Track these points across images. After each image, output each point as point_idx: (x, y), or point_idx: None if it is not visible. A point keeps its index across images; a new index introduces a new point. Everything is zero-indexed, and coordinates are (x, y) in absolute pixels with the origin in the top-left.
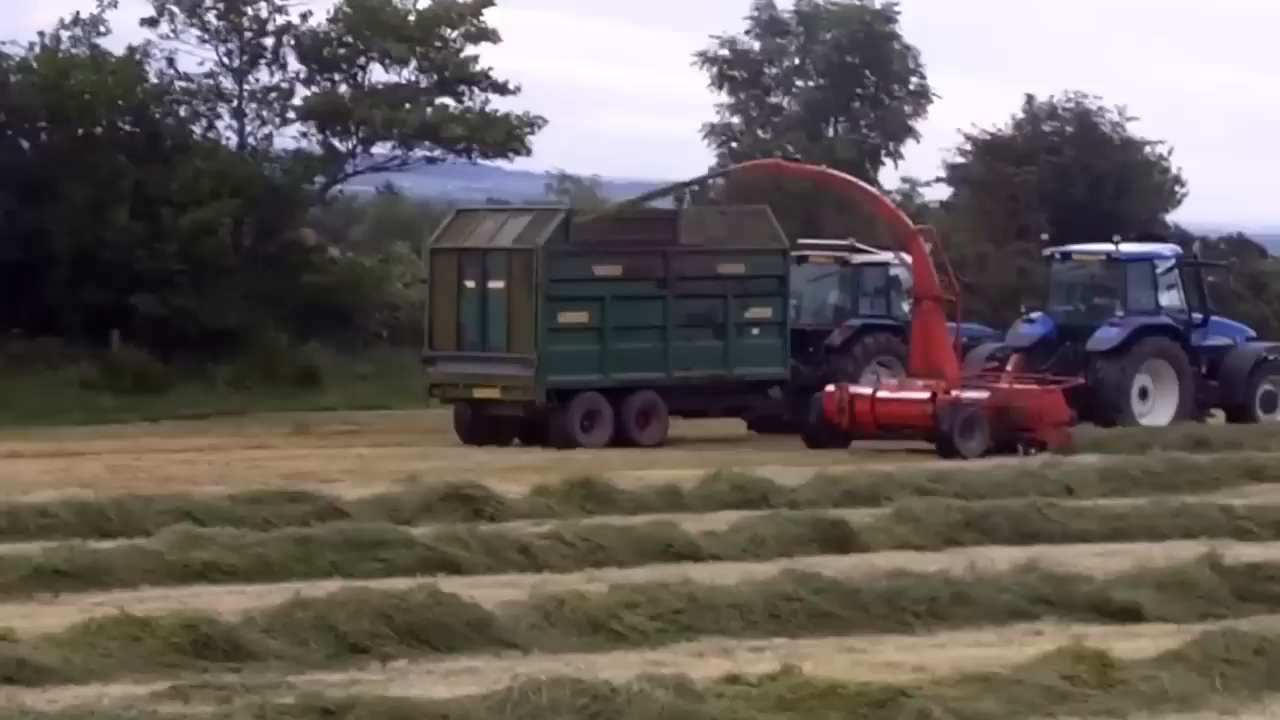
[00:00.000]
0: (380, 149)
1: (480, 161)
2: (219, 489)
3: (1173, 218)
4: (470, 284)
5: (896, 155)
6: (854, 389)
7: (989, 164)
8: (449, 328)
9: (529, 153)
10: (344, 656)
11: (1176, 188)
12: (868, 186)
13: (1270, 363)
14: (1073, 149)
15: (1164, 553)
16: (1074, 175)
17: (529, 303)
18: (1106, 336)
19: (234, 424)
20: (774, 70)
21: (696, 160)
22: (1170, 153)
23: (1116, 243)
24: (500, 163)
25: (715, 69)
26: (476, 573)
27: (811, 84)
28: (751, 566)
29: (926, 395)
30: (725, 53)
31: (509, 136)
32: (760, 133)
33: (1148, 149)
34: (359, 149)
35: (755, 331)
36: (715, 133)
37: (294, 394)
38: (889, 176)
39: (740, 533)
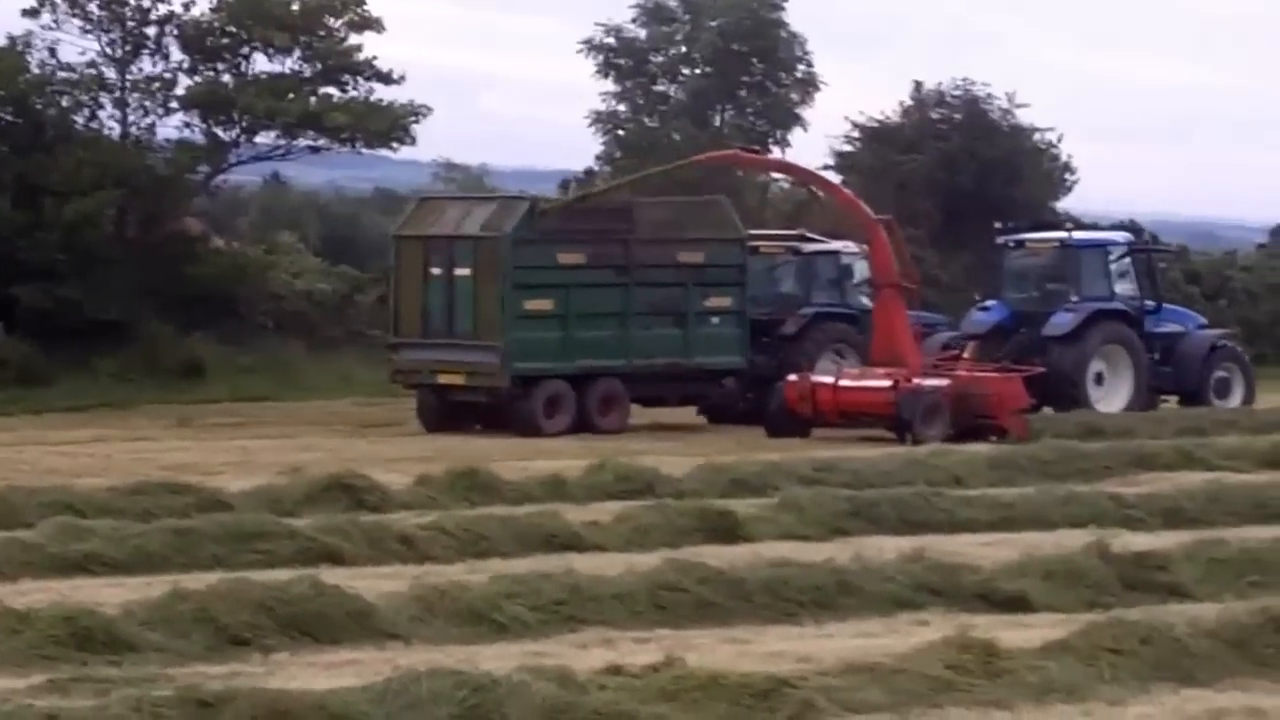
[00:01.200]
0: (264, 139)
1: (365, 150)
2: (100, 481)
3: (1063, 205)
4: (436, 271)
5: (784, 143)
6: (816, 377)
7: (877, 152)
8: (414, 314)
9: (414, 142)
10: (224, 648)
11: (1066, 175)
12: (826, 177)
13: (1223, 349)
14: (961, 136)
15: (1052, 542)
16: (962, 163)
17: (495, 290)
18: (1061, 322)
19: (118, 416)
20: (660, 58)
21: (583, 149)
22: (1060, 140)
23: (1070, 230)
24: (385, 152)
25: (601, 57)
26: (358, 564)
27: (698, 72)
28: (635, 557)
29: (889, 384)
30: (611, 41)
31: (394, 126)
32: (647, 120)
33: (1037, 136)
34: (242, 139)
35: (715, 320)
36: (601, 120)
37: (178, 385)
38: None
39: (624, 523)
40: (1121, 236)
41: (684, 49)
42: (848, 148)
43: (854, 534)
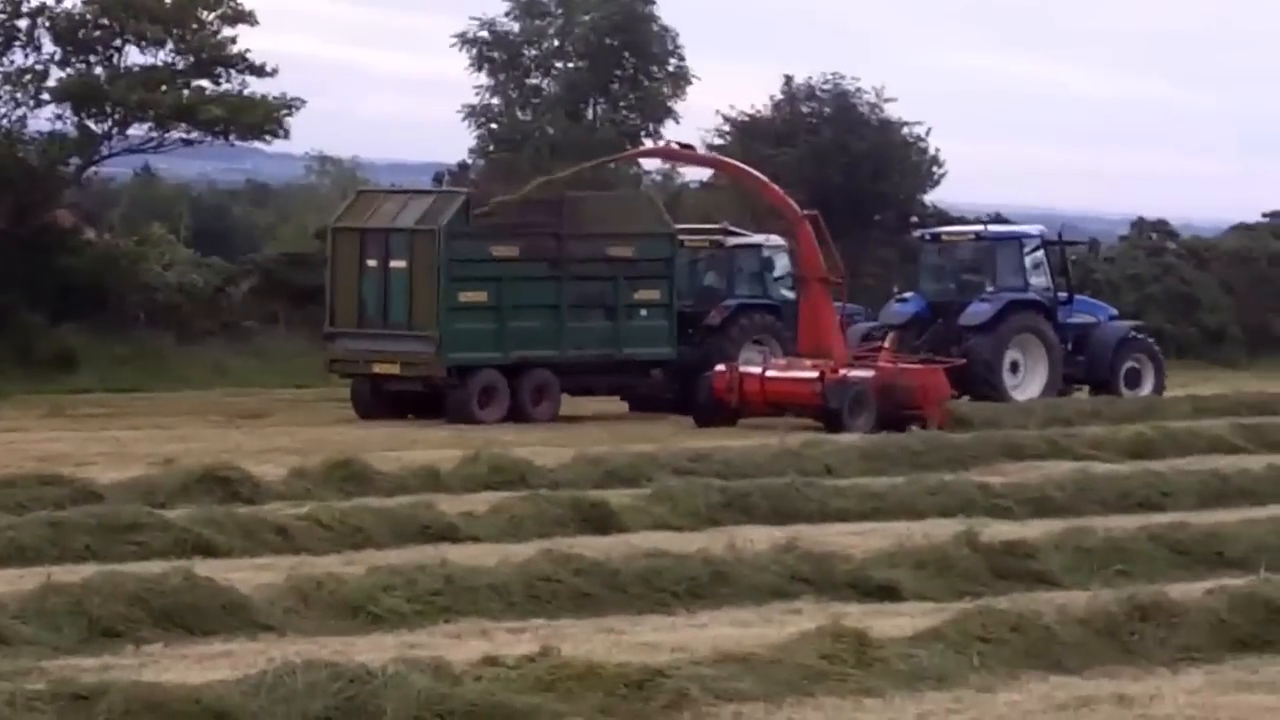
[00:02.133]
0: (137, 131)
1: (238, 143)
2: None
3: (931, 198)
4: (372, 263)
5: (656, 136)
6: (743, 368)
7: (748, 145)
8: (350, 305)
9: (287, 135)
10: (97, 641)
11: (935, 168)
12: (757, 174)
13: (1134, 341)
14: (831, 130)
15: (922, 531)
16: (832, 156)
17: (431, 282)
18: (978, 312)
19: None
20: (533, 52)
21: (456, 142)
22: (928, 133)
23: (986, 223)
24: (259, 144)
25: (475, 51)
26: (233, 555)
27: (571, 65)
28: (510, 548)
29: (815, 374)
30: (485, 34)
31: (267, 118)
32: (520, 114)
33: (905, 130)
34: (115, 131)
35: (643, 313)
36: (475, 114)
37: (50, 376)
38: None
39: (499, 514)
40: (1035, 229)
41: (557, 43)
42: (719, 141)
43: (727, 524)
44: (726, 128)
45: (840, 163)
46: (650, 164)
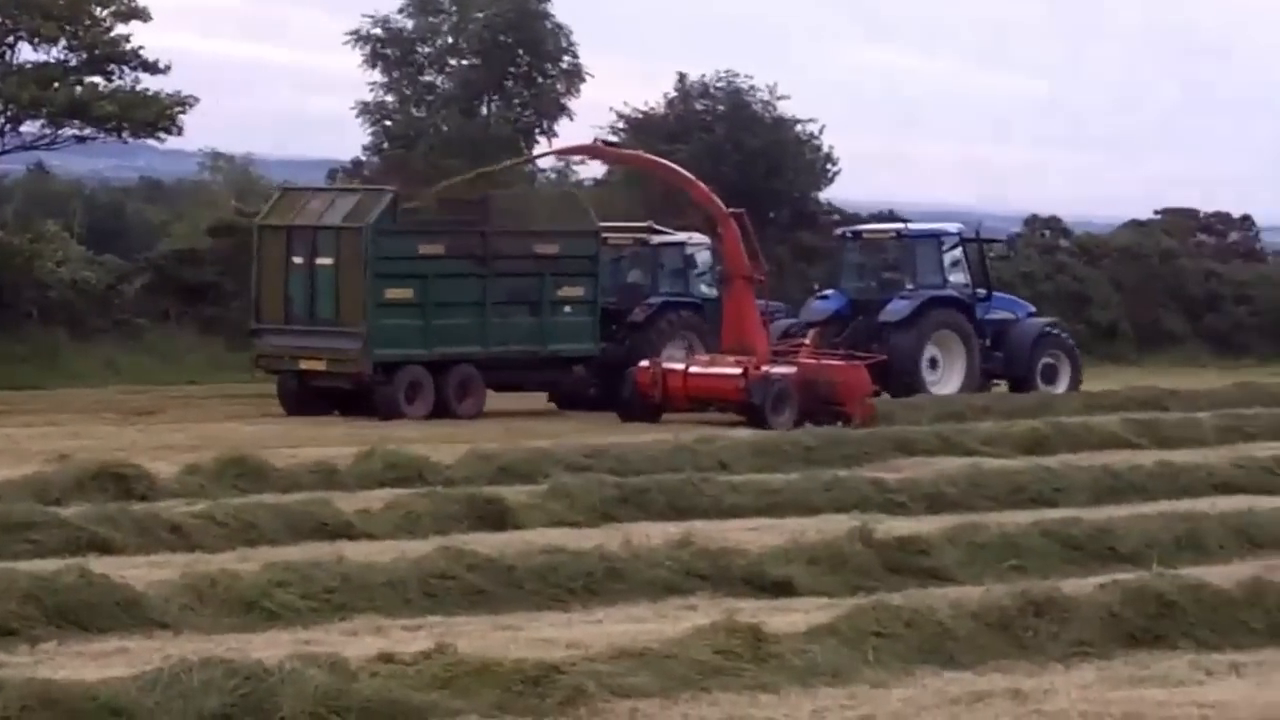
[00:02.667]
0: (29, 127)
1: (131, 140)
2: None
3: (825, 195)
4: (298, 260)
5: (550, 133)
6: (667, 364)
7: (642, 142)
8: (276, 302)
9: (180, 131)
10: None
11: (828, 165)
12: (683, 171)
13: (1051, 337)
14: (724, 127)
15: (816, 527)
16: (726, 153)
17: (357, 278)
18: (897, 309)
19: None
20: (427, 49)
21: (351, 139)
22: (821, 131)
23: (907, 222)
24: (152, 141)
25: (369, 47)
26: (127, 553)
27: (465, 63)
28: (406, 544)
29: (738, 370)
30: (379, 31)
31: (160, 115)
32: (414, 111)
33: (799, 127)
34: (7, 128)
35: (568, 309)
36: (369, 111)
37: None
38: None
39: (394, 510)
40: (954, 227)
41: (451, 40)
42: (613, 138)
43: (622, 520)
44: (621, 125)
45: (734, 160)
46: (545, 162)
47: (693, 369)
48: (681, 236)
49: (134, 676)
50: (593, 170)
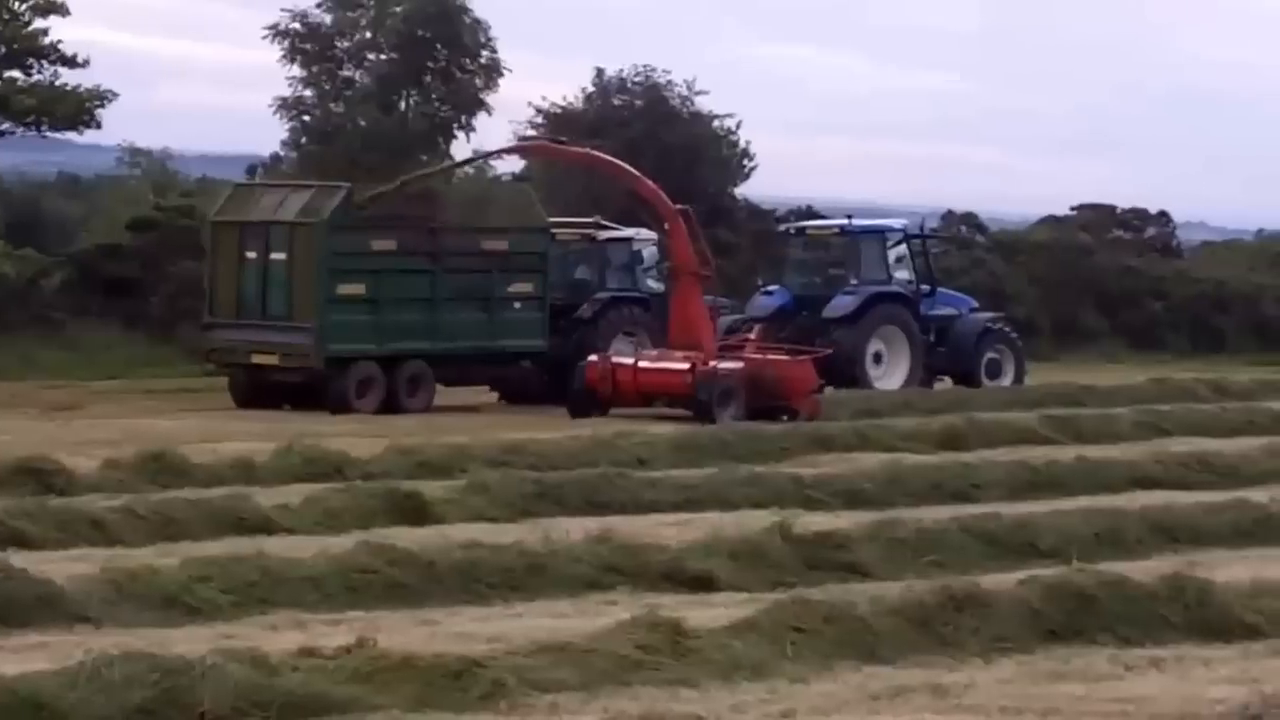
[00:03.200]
0: None
1: (50, 134)
2: None
3: (742, 191)
4: (252, 255)
5: (469, 128)
6: (616, 359)
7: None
8: (229, 297)
9: (99, 126)
10: None
11: (745, 161)
12: (630, 168)
13: (994, 332)
14: (642, 123)
15: (735, 522)
16: (643, 148)
17: (311, 274)
18: (841, 304)
19: None
20: (346, 44)
21: (269, 134)
22: (739, 126)
23: (851, 218)
24: (71, 136)
25: (287, 42)
26: (47, 547)
27: (383, 57)
28: (326, 539)
29: (686, 366)
30: (297, 26)
31: (79, 110)
32: (333, 106)
33: (716, 123)
34: None
35: (517, 305)
36: (287, 106)
37: None
38: (461, 149)
39: (314, 505)
40: (898, 223)
41: (369, 35)
42: (532, 133)
43: (541, 515)
44: (539, 119)
45: (651, 155)
46: (461, 157)
47: (641, 364)
48: (629, 232)
49: (55, 671)
50: (510, 165)
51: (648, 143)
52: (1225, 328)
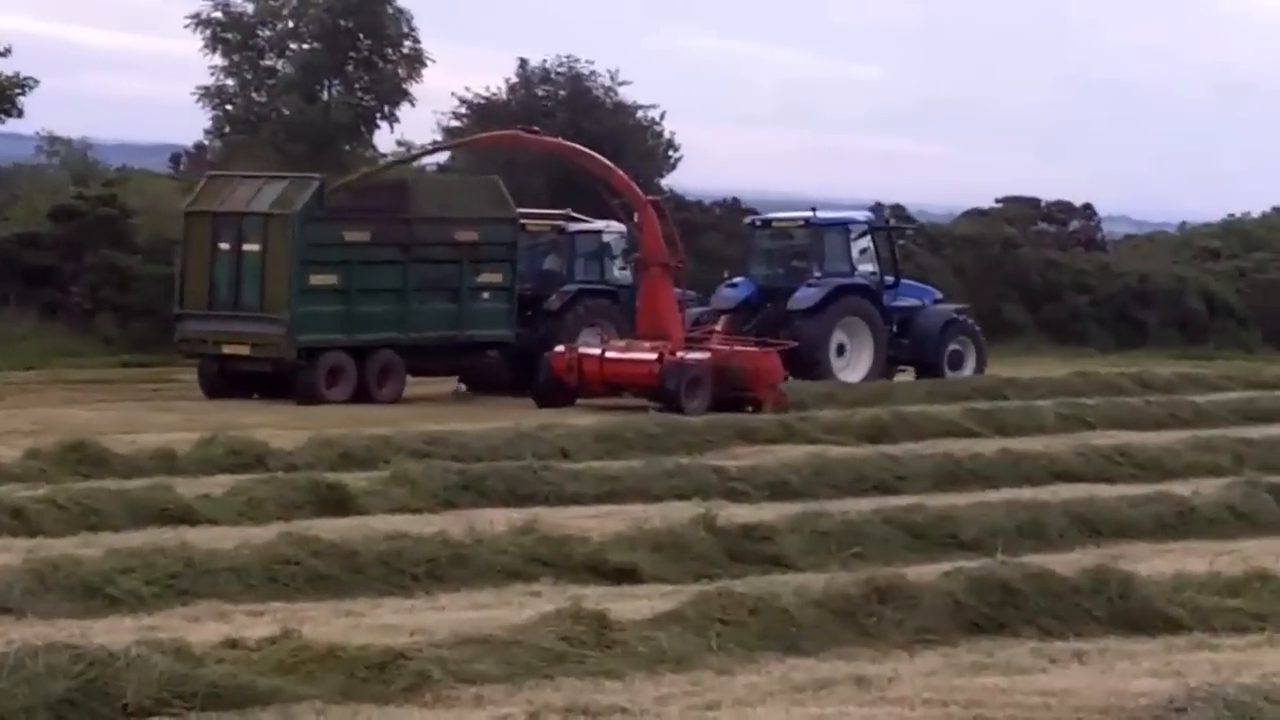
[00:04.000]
0: None
1: None
2: None
3: (667, 182)
4: (224, 245)
5: (392, 118)
6: (583, 349)
7: (483, 127)
8: (201, 287)
9: (20, 114)
10: None
11: (670, 152)
12: (602, 159)
13: (957, 323)
14: (566, 113)
15: (659, 514)
16: (567, 139)
17: (283, 265)
18: (805, 296)
19: None
20: (268, 32)
21: (191, 123)
22: (663, 117)
23: (815, 210)
24: None
25: (209, 32)
26: None
27: (306, 47)
28: (248, 530)
29: (653, 356)
30: (219, 15)
31: (0, 97)
32: (255, 95)
33: (640, 113)
34: None
35: (486, 296)
36: (209, 95)
37: None
38: (385, 139)
39: (237, 496)
40: (862, 215)
41: (292, 24)
42: (455, 124)
43: (465, 507)
44: (462, 110)
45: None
46: (386, 147)
47: (609, 354)
48: (598, 224)
49: None
50: (436, 156)
51: (571, 134)
52: (1149, 321)
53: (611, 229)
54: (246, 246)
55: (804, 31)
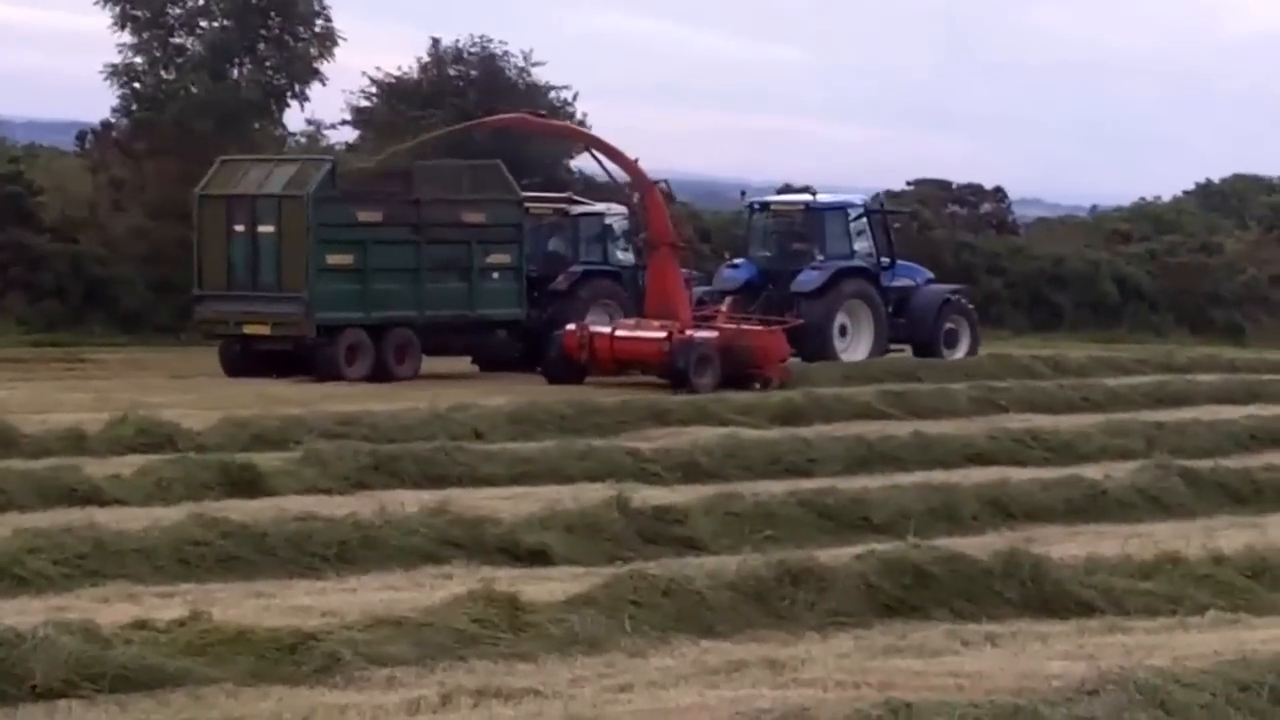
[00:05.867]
0: None
1: None
2: None
3: (578, 164)
4: (240, 228)
5: (302, 98)
6: (594, 327)
7: (395, 108)
8: (218, 269)
9: None
10: None
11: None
12: (608, 142)
13: (952, 303)
14: (478, 93)
15: (571, 495)
16: (479, 118)
17: (299, 245)
18: (809, 279)
19: None
20: (178, 10)
21: (99, 101)
22: (575, 98)
23: (814, 193)
24: None
25: (118, 8)
26: None
27: (216, 24)
28: (158, 511)
29: (663, 334)
30: None
31: None
32: (164, 73)
33: (553, 94)
34: None
35: (495, 276)
36: (118, 73)
37: None
38: (295, 118)
39: (146, 476)
40: (859, 198)
41: (201, 2)
42: (365, 103)
43: (376, 488)
44: (373, 89)
45: None
46: (296, 127)
47: (619, 333)
48: (600, 206)
49: None
50: (343, 135)
51: (483, 113)
52: (1063, 304)
53: (613, 211)
54: (261, 228)
55: (720, 11)
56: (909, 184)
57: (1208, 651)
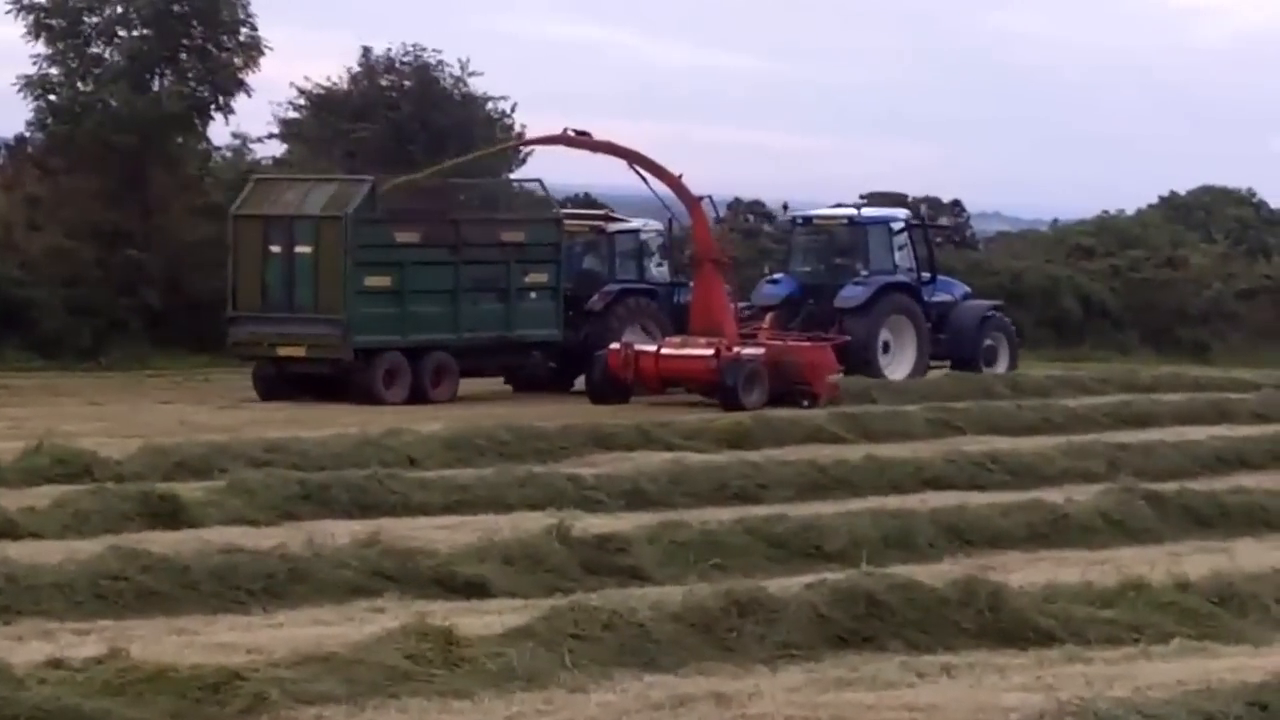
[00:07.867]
0: None
1: None
2: None
3: (516, 176)
4: (275, 249)
5: (227, 109)
6: (639, 346)
7: (325, 120)
8: (253, 290)
9: None
10: None
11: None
12: (652, 158)
13: (992, 319)
14: (412, 104)
15: (510, 525)
16: (413, 131)
17: (337, 266)
18: (853, 295)
19: None
20: (95, 19)
21: (13, 115)
22: (513, 109)
23: (859, 207)
24: None
25: (32, 18)
26: None
27: (135, 34)
28: (74, 544)
29: (710, 352)
30: (43, 0)
31: None
32: (81, 84)
33: (490, 105)
34: None
35: (533, 295)
36: (32, 85)
37: None
38: (219, 131)
39: (62, 508)
40: (902, 213)
41: (120, 10)
42: (294, 115)
43: (305, 518)
44: (301, 101)
45: (422, 139)
46: (221, 140)
47: (665, 350)
48: (636, 224)
49: None
50: (270, 149)
51: (418, 126)
52: (1023, 321)
53: (649, 228)
54: (299, 249)
55: (665, 20)
56: (863, 197)
57: (1171, 681)
